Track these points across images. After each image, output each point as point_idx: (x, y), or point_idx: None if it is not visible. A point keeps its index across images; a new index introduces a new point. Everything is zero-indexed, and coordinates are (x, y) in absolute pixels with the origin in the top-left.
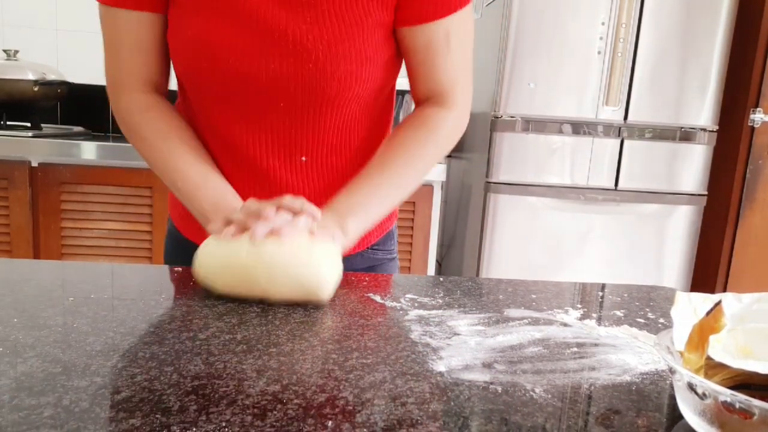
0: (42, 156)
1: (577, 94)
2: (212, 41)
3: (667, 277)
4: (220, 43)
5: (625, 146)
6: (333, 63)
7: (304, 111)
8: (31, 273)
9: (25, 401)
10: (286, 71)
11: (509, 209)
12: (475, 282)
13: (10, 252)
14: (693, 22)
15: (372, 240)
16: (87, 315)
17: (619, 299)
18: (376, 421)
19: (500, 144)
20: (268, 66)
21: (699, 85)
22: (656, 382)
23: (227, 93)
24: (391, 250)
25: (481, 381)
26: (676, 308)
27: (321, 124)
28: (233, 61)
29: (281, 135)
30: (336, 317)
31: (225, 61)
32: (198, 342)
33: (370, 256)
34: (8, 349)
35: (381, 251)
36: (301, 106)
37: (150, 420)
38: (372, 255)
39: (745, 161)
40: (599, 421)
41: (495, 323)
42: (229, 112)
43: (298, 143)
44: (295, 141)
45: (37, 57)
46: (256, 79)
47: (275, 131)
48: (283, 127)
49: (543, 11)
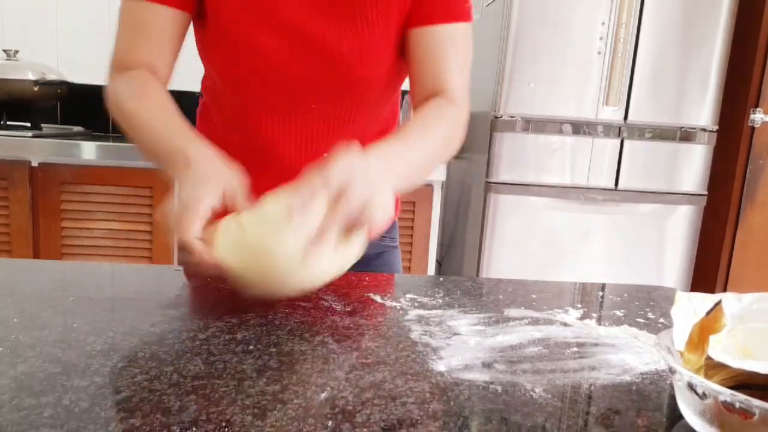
0: (42, 156)
1: (577, 94)
2: (254, 46)
3: (667, 277)
4: (262, 49)
5: (625, 146)
6: (364, 68)
7: (334, 112)
8: (31, 273)
9: (25, 401)
10: (322, 76)
11: (509, 209)
12: (475, 282)
13: (10, 252)
14: (693, 22)
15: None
16: (87, 315)
17: (619, 299)
18: (376, 421)
19: (500, 144)
20: (306, 70)
21: (699, 85)
22: (656, 382)
23: (263, 92)
24: (394, 238)
25: (481, 381)
26: (676, 308)
27: (346, 123)
28: (274, 63)
29: (308, 134)
30: (336, 317)
31: (266, 64)
32: (198, 342)
33: (378, 242)
34: (8, 349)
35: (387, 238)
36: (331, 107)
37: (150, 420)
38: (380, 242)
39: (745, 161)
40: (599, 421)
41: (495, 323)
42: (262, 110)
43: (323, 141)
44: (320, 139)
45: (37, 57)
46: (293, 82)
47: (303, 130)
48: (312, 126)
49: (543, 11)
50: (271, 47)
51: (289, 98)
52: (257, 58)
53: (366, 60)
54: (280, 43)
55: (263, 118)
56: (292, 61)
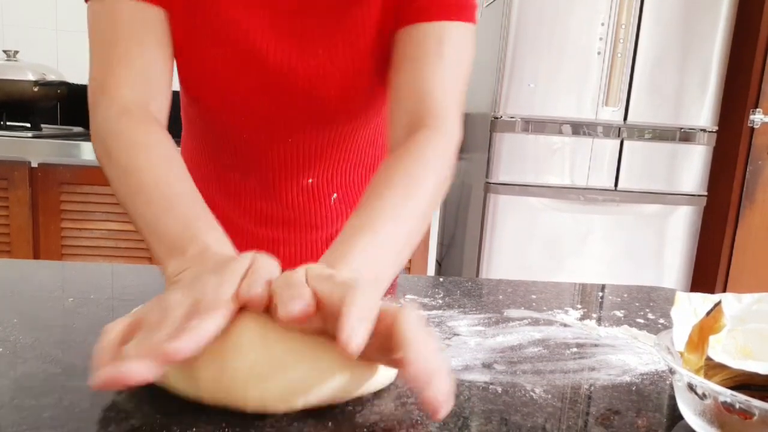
0: (42, 156)
1: (577, 95)
2: (222, 75)
3: (667, 277)
4: (229, 77)
5: (625, 147)
6: (344, 101)
7: (314, 144)
8: (31, 273)
9: (25, 402)
10: (296, 111)
11: (509, 209)
12: (475, 282)
13: (10, 252)
14: (693, 22)
15: None
16: (87, 315)
17: (619, 299)
18: (376, 421)
19: (500, 144)
20: (276, 103)
21: (699, 85)
22: (656, 383)
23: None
24: None
25: (481, 381)
26: (676, 308)
27: (329, 153)
28: (240, 98)
29: (290, 162)
30: None
31: (233, 96)
32: None
33: None
34: (8, 350)
35: None
36: (311, 139)
37: (150, 420)
38: None
39: (744, 162)
40: (599, 422)
41: (495, 324)
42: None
43: (307, 168)
44: (303, 166)
45: (37, 57)
46: (265, 117)
47: (284, 159)
48: (293, 155)
49: (543, 11)
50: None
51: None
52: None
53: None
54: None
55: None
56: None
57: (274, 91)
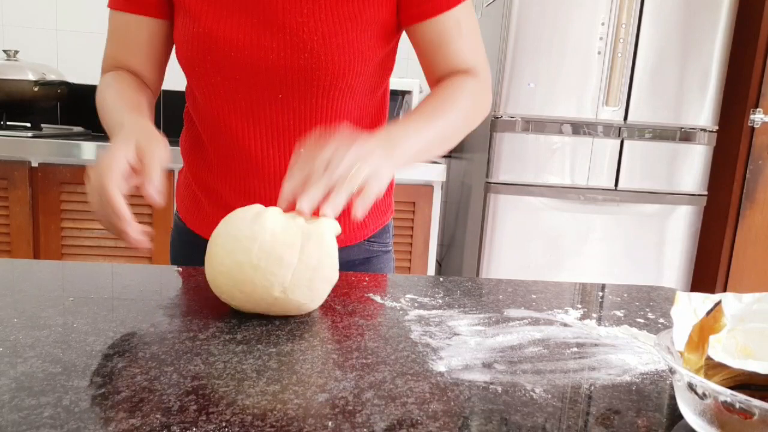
0: (42, 156)
1: (577, 94)
2: (214, 35)
3: (667, 277)
4: (222, 36)
5: (625, 146)
6: (327, 53)
7: (301, 102)
8: (31, 273)
9: (25, 401)
10: (284, 61)
11: (509, 209)
12: (475, 282)
13: (10, 252)
14: (693, 22)
15: (368, 233)
16: (87, 315)
17: (619, 299)
18: (376, 421)
19: (500, 144)
20: (267, 56)
21: (699, 85)
22: (656, 382)
23: (229, 85)
24: (386, 243)
25: (481, 381)
26: (676, 308)
27: (317, 116)
28: (235, 52)
29: (279, 127)
30: (336, 317)
31: (227, 53)
32: (198, 342)
33: (366, 248)
34: (8, 349)
35: (377, 243)
36: (298, 97)
37: (150, 420)
38: (368, 247)
39: (745, 161)
40: (599, 421)
41: (495, 323)
42: (230, 105)
43: (295, 135)
44: (292, 133)
45: (37, 57)
46: (256, 70)
47: (274, 123)
48: (282, 119)
49: (543, 11)
50: (230, 34)
51: (254, 87)
52: (218, 45)
53: (329, 46)
54: (240, 28)
55: (232, 110)
56: (252, 47)
57: (265, 43)
